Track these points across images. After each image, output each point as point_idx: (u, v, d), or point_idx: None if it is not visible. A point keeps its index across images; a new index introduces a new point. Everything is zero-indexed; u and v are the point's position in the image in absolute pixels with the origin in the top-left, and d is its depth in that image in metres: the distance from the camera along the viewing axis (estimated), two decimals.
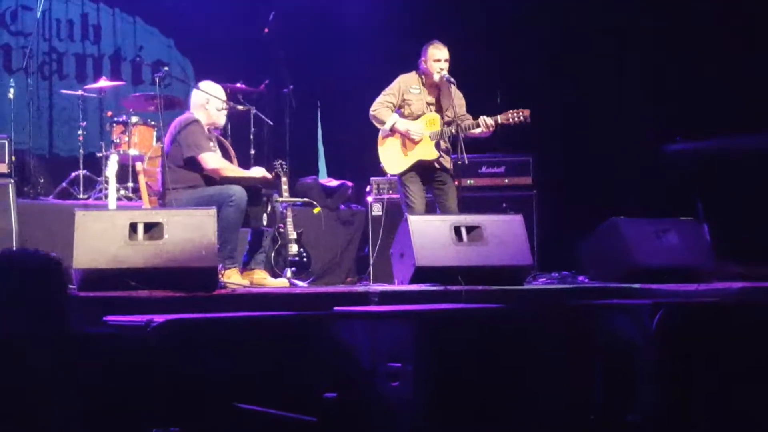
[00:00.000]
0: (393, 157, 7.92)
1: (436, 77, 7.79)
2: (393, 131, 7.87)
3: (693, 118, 9.27)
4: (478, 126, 7.64)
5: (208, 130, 7.38)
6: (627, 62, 9.91)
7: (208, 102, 7.42)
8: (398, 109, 7.93)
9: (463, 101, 7.93)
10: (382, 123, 7.86)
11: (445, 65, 7.79)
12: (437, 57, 7.81)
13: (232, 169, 7.35)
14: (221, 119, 7.54)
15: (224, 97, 7.58)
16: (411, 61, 8.09)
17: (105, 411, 3.00)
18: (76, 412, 2.88)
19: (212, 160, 7.18)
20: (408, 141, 7.83)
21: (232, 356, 4.46)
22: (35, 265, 3.20)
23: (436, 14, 10.70)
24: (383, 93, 7.94)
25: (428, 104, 7.90)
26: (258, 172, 7.43)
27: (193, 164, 7.14)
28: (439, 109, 7.88)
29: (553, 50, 10.34)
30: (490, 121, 7.61)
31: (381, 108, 7.88)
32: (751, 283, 6.82)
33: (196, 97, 7.48)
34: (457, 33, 8.24)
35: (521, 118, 7.60)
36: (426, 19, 10.62)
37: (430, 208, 7.94)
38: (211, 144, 7.30)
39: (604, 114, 9.96)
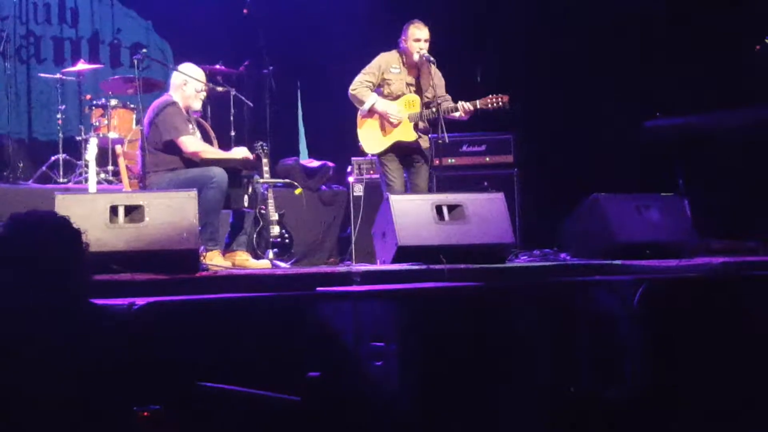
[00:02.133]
0: (372, 137, 7.92)
1: (416, 57, 7.79)
2: (372, 112, 7.86)
3: (673, 94, 9.29)
4: (457, 110, 7.64)
5: (186, 111, 7.34)
6: (607, 39, 9.90)
7: (186, 84, 7.38)
8: (378, 88, 7.92)
9: (442, 81, 7.92)
10: (361, 103, 7.85)
11: (425, 45, 7.78)
12: (417, 36, 7.79)
13: (211, 152, 7.31)
14: (197, 103, 7.46)
15: (204, 80, 7.54)
16: (392, 42, 8.07)
17: (87, 389, 3.00)
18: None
19: (191, 143, 7.15)
20: (387, 122, 7.83)
21: (214, 338, 4.46)
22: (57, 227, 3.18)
23: None
24: (363, 72, 7.92)
25: (408, 84, 7.89)
26: (240, 152, 7.39)
27: (172, 147, 7.10)
28: (419, 90, 7.87)
29: (533, 28, 10.33)
30: (468, 106, 7.61)
31: (360, 87, 7.86)
32: (731, 258, 6.86)
33: (175, 78, 7.45)
34: (438, 12, 8.22)
35: (500, 103, 7.61)
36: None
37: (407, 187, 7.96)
38: (190, 126, 7.26)
39: (585, 91, 9.96)
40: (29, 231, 3.13)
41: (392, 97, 7.88)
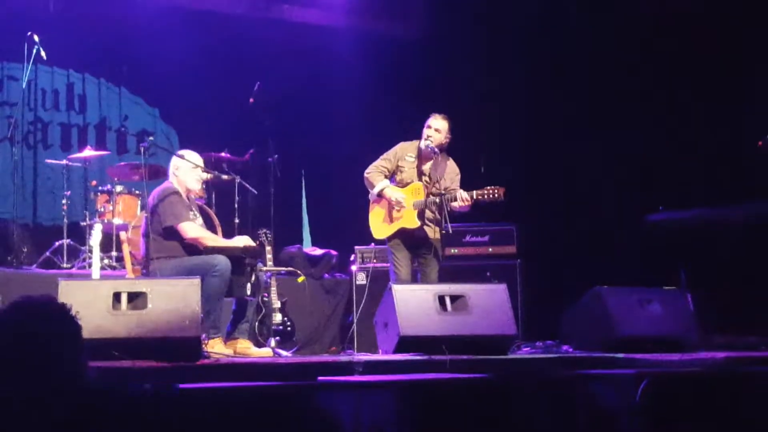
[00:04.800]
0: (379, 223, 8.00)
1: (422, 144, 7.86)
2: (381, 197, 7.92)
3: (676, 188, 9.35)
4: (456, 200, 7.64)
5: (188, 197, 7.36)
6: (610, 131, 9.98)
7: (178, 169, 7.38)
8: (393, 174, 7.99)
9: (457, 176, 7.96)
10: (372, 187, 7.94)
11: (435, 135, 7.83)
12: (428, 125, 7.89)
13: (212, 239, 7.32)
14: (196, 185, 7.47)
15: (200, 163, 7.48)
16: (395, 132, 8.16)
17: None
18: None
19: (191, 229, 7.15)
20: (392, 208, 7.88)
21: (214, 427, 4.43)
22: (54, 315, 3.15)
23: (420, 87, 10.80)
24: (381, 157, 8.03)
25: (421, 173, 7.93)
26: (241, 241, 7.39)
27: (173, 234, 7.11)
28: (431, 179, 7.88)
29: (536, 120, 10.42)
30: (466, 195, 7.61)
31: (374, 172, 7.96)
32: (735, 353, 6.83)
33: (171, 165, 7.47)
34: (441, 104, 8.31)
35: (495, 195, 7.61)
36: (411, 91, 10.73)
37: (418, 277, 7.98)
38: (191, 213, 7.27)
39: (588, 183, 10.02)
40: (22, 318, 3.12)
41: (402, 185, 7.95)
